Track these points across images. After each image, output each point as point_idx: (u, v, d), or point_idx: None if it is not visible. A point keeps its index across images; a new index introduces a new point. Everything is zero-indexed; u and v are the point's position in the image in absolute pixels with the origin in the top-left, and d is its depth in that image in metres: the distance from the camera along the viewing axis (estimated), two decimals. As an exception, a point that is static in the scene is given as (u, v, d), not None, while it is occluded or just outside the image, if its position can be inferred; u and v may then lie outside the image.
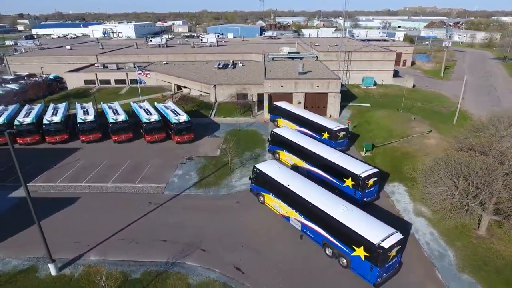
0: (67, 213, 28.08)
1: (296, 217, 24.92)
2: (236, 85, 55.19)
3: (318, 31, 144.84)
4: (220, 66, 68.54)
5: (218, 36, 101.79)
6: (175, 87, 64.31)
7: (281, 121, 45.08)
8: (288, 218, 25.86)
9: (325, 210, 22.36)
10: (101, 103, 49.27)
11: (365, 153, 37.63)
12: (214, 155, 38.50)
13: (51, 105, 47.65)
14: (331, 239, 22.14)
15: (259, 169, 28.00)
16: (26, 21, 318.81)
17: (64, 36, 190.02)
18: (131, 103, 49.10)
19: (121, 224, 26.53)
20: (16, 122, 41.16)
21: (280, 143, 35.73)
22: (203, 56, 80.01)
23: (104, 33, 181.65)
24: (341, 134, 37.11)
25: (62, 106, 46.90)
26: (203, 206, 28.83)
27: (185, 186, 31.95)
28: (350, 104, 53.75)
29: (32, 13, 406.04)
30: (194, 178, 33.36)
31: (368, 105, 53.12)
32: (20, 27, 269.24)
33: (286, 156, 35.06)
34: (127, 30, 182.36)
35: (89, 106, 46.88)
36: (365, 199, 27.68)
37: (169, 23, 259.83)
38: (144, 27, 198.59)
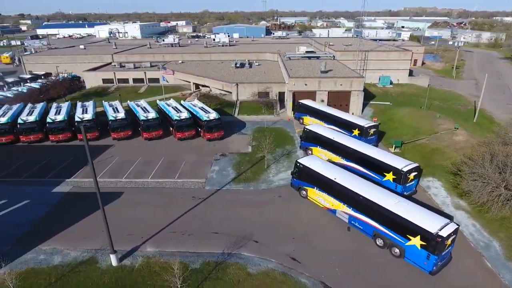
0: (114, 207, 28.67)
1: (343, 210, 25.65)
2: (257, 83, 55.90)
3: (328, 31, 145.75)
4: (238, 65, 69.23)
5: (228, 36, 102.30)
6: (194, 86, 64.99)
7: (307, 118, 45.81)
8: (334, 211, 26.58)
9: (377, 202, 23.10)
10: (127, 101, 49.89)
11: (394, 149, 38.38)
12: (246, 151, 39.18)
13: (79, 103, 48.26)
14: (383, 229, 22.88)
15: (302, 164, 28.71)
16: (28, 21, 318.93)
17: (70, 36, 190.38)
18: (158, 101, 49.71)
19: (169, 218, 27.18)
20: (48, 120, 41.77)
21: (313, 139, 36.45)
22: (218, 56, 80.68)
23: (110, 33, 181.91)
24: (372, 131, 37.87)
25: (90, 104, 47.47)
26: (247, 200, 29.52)
27: (224, 181, 32.63)
28: (371, 102, 54.55)
29: (32, 13, 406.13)
30: (232, 174, 34.04)
31: (389, 103, 53.93)
32: (23, 27, 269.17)
33: (320, 152, 35.76)
34: (133, 30, 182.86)
35: (118, 104, 47.48)
36: (405, 193, 28.43)
37: (173, 23, 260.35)
38: (149, 27, 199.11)
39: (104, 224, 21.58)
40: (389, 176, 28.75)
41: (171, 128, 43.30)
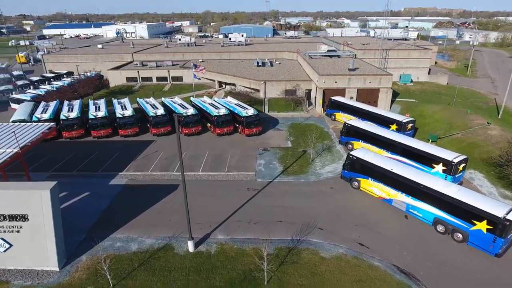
0: (175, 197, 29.73)
1: (401, 199, 26.82)
2: (285, 81, 57.04)
3: (342, 30, 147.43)
4: (260, 64, 70.37)
5: (242, 35, 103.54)
6: (218, 84, 66.05)
7: (339, 114, 47.02)
8: (390, 200, 27.75)
9: (440, 190, 24.28)
10: (162, 98, 50.91)
11: (430, 143, 39.57)
12: (287, 146, 40.31)
13: (115, 100, 49.27)
14: (446, 216, 24.06)
15: (356, 156, 29.87)
16: (31, 22, 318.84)
17: (77, 36, 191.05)
18: (191, 99, 50.75)
19: (230, 207, 28.25)
20: (90, 116, 42.76)
21: (355, 134, 37.63)
22: (238, 55, 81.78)
23: (117, 33, 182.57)
24: (409, 125, 39.11)
25: (126, 101, 48.50)
26: (301, 191, 30.65)
27: (274, 174, 33.74)
28: (397, 99, 55.80)
29: (33, 14, 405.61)
30: (279, 167, 35.15)
31: (414, 100, 55.20)
32: (27, 28, 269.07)
33: (362, 146, 36.90)
34: (140, 30, 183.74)
35: (154, 100, 48.49)
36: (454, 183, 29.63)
37: (177, 23, 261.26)
38: (156, 27, 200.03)
39: (186, 212, 22.62)
40: (438, 168, 29.95)
41: (209, 124, 44.38)
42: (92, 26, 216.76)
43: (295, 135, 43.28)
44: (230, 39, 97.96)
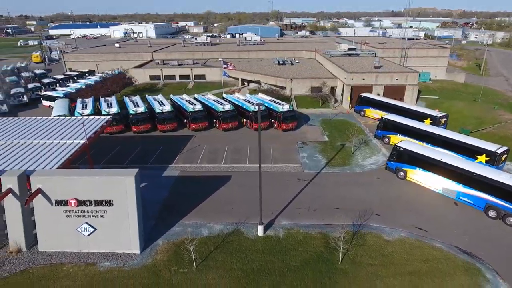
0: (230, 187, 31.07)
1: (450, 187, 28.29)
2: (310, 78, 58.53)
3: (354, 30, 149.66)
4: (280, 62, 71.79)
5: (256, 35, 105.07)
6: (241, 81, 67.43)
7: (370, 110, 48.49)
8: (439, 189, 29.19)
9: (493, 177, 25.78)
10: (195, 95, 52.20)
11: (462, 137, 41.13)
12: (324, 140, 41.72)
13: (149, 97, 50.49)
14: (499, 202, 25.54)
15: (403, 148, 31.34)
16: (34, 22, 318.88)
17: (84, 36, 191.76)
18: (224, 95, 52.05)
19: (286, 196, 29.57)
20: (130, 111, 43.99)
21: (392, 128, 39.09)
22: (256, 54, 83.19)
23: (125, 33, 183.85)
24: (443, 120, 40.63)
25: (161, 97, 49.74)
26: (349, 181, 32.08)
27: (319, 166, 35.15)
28: (421, 96, 57.40)
29: (34, 14, 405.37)
30: (322, 159, 36.56)
31: (437, 97, 56.82)
32: (31, 28, 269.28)
33: (400, 139, 38.33)
34: (147, 30, 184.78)
35: (188, 97, 49.78)
36: (496, 173, 31.14)
37: (181, 24, 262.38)
38: (162, 28, 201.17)
39: (260, 199, 24.02)
40: (481, 158, 31.44)
41: (245, 120, 45.72)
42: (98, 26, 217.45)
43: (329, 130, 44.70)
44: (245, 38, 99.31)
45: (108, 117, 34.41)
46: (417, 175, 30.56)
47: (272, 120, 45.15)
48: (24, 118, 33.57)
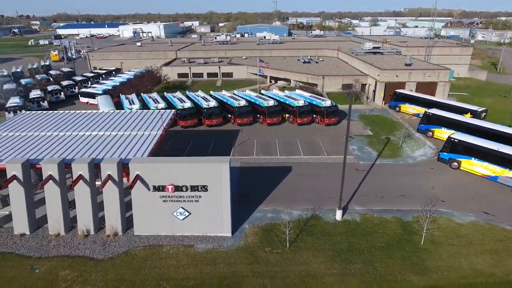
0: (294, 177, 32.64)
1: (508, 175, 30.01)
2: (342, 76, 60.26)
3: (370, 29, 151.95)
4: (306, 60, 73.47)
5: (274, 34, 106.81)
6: (269, 79, 69.01)
7: (405, 106, 50.23)
8: (495, 177, 30.93)
9: (553, 164, 27.55)
10: (234, 91, 53.69)
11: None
12: (368, 134, 43.39)
13: (191, 94, 51.93)
14: (559, 188, 27.30)
15: (458, 139, 33.06)
16: (37, 22, 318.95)
17: (93, 36, 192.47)
18: (263, 91, 53.61)
19: (349, 185, 31.05)
20: (178, 107, 45.40)
21: (436, 121, 40.80)
22: (278, 52, 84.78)
23: (134, 32, 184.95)
24: (483, 114, 42.41)
25: (202, 93, 51.22)
26: (405, 171, 33.75)
27: (371, 157, 36.80)
28: (450, 93, 59.19)
29: (34, 14, 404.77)
30: (373, 151, 38.22)
31: (466, 94, 58.69)
32: (36, 28, 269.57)
33: (444, 133, 40.03)
34: (156, 30, 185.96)
35: (228, 93, 51.29)
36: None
37: (186, 23, 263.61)
38: (171, 27, 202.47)
39: (341, 186, 25.70)
40: (530, 149, 33.17)
41: (287, 115, 47.27)
42: (106, 26, 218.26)
43: (369, 125, 46.38)
44: (264, 37, 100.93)
45: (173, 110, 35.82)
46: (473, 165, 32.27)
47: (314, 115, 46.74)
48: (97, 112, 35.08)
